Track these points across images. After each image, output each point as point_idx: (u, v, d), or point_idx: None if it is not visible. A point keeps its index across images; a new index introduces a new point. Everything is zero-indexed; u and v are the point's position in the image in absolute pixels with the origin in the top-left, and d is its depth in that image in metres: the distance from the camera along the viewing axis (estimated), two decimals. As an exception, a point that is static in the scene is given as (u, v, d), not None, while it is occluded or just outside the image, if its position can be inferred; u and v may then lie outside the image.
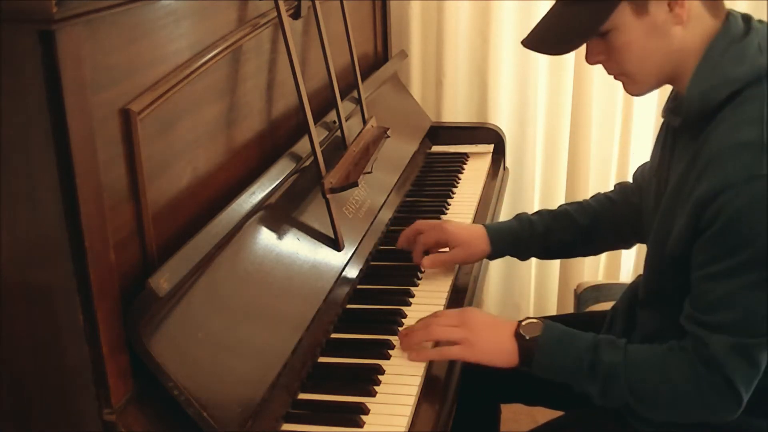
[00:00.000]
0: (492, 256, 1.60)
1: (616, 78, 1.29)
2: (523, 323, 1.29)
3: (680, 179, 1.23)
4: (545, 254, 1.65)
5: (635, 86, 1.28)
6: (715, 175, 1.13)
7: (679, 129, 1.27)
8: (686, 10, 1.19)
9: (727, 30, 1.21)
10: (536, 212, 1.62)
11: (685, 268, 1.20)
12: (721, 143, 1.15)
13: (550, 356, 1.25)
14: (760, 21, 1.25)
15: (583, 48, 1.26)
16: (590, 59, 1.27)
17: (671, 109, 1.30)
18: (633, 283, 1.47)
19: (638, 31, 1.20)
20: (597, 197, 1.62)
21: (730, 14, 1.23)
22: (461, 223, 1.72)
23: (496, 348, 1.28)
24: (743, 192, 1.10)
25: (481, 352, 1.28)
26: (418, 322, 1.34)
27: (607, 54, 1.25)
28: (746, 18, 1.24)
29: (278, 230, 1.31)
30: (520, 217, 1.61)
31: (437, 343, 1.33)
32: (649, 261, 1.34)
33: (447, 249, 1.60)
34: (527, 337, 1.26)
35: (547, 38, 1.27)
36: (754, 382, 1.17)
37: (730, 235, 1.12)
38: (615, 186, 1.63)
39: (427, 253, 1.60)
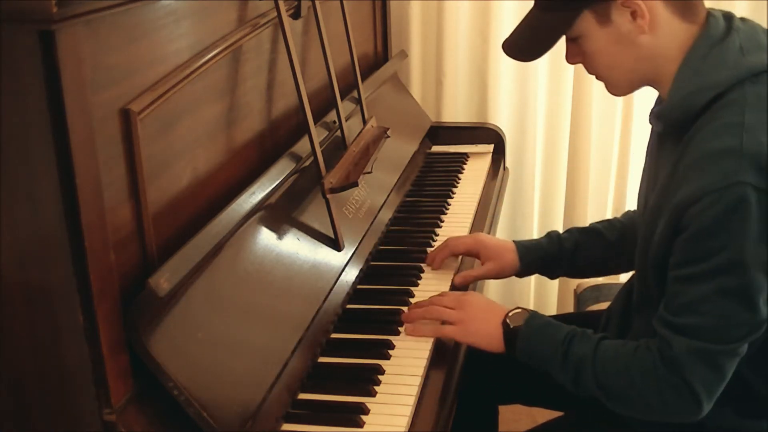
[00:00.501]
0: (521, 273, 1.59)
1: (597, 79, 1.31)
2: (511, 313, 1.33)
3: (665, 184, 1.23)
4: (574, 272, 1.64)
5: (612, 89, 1.31)
6: (694, 181, 1.13)
7: (663, 134, 1.28)
8: (647, 21, 1.19)
9: (706, 33, 1.20)
10: (566, 230, 1.62)
11: (666, 274, 1.20)
12: (701, 149, 1.15)
13: (530, 344, 1.30)
14: (742, 19, 1.24)
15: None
16: (569, 59, 1.31)
17: (655, 114, 1.29)
18: (627, 283, 1.46)
19: (603, 39, 1.22)
20: (627, 213, 1.61)
21: (710, 15, 1.22)
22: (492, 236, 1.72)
23: (485, 333, 1.34)
24: (721, 198, 1.10)
25: (471, 335, 1.35)
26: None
27: (582, 57, 1.28)
28: (728, 17, 1.23)
29: (278, 230, 1.31)
30: (550, 234, 1.60)
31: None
32: (637, 266, 1.34)
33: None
34: (511, 326, 1.31)
35: (517, 45, 1.31)
36: (718, 388, 1.17)
37: (705, 240, 1.12)
38: None
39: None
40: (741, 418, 1.25)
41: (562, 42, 1.28)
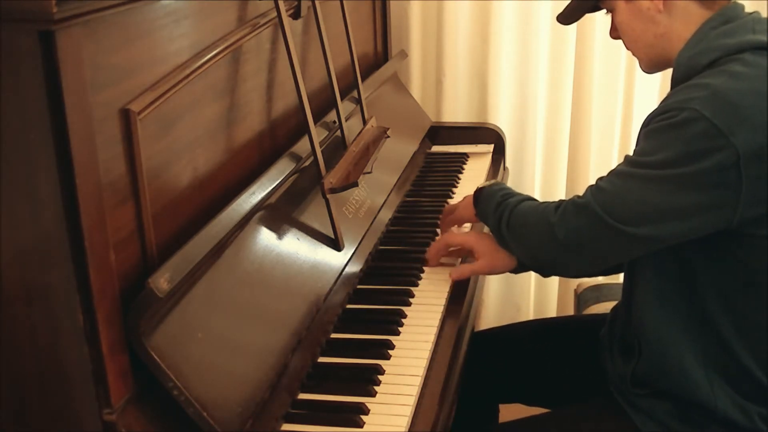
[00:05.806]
0: (517, 270, 1.59)
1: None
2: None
3: None
4: None
5: (640, 63, 1.41)
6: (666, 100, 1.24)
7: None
8: (660, 2, 1.29)
9: (720, 13, 1.28)
10: None
11: None
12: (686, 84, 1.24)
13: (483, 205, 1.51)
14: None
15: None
16: (611, 34, 1.45)
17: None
18: None
19: (627, 13, 1.35)
20: None
21: (735, 3, 1.30)
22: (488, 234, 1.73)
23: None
24: (673, 116, 1.18)
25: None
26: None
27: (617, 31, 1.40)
28: (751, 12, 1.31)
29: (278, 230, 1.31)
30: None
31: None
32: None
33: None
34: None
35: (563, 11, 1.49)
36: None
37: (648, 141, 1.23)
38: None
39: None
40: (746, 399, 1.26)
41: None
